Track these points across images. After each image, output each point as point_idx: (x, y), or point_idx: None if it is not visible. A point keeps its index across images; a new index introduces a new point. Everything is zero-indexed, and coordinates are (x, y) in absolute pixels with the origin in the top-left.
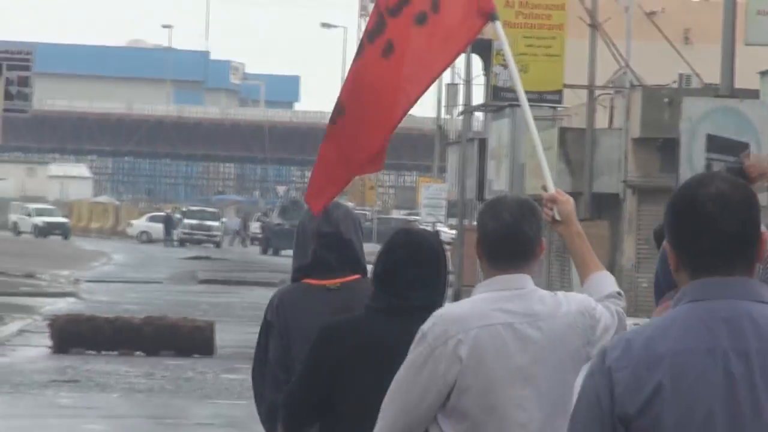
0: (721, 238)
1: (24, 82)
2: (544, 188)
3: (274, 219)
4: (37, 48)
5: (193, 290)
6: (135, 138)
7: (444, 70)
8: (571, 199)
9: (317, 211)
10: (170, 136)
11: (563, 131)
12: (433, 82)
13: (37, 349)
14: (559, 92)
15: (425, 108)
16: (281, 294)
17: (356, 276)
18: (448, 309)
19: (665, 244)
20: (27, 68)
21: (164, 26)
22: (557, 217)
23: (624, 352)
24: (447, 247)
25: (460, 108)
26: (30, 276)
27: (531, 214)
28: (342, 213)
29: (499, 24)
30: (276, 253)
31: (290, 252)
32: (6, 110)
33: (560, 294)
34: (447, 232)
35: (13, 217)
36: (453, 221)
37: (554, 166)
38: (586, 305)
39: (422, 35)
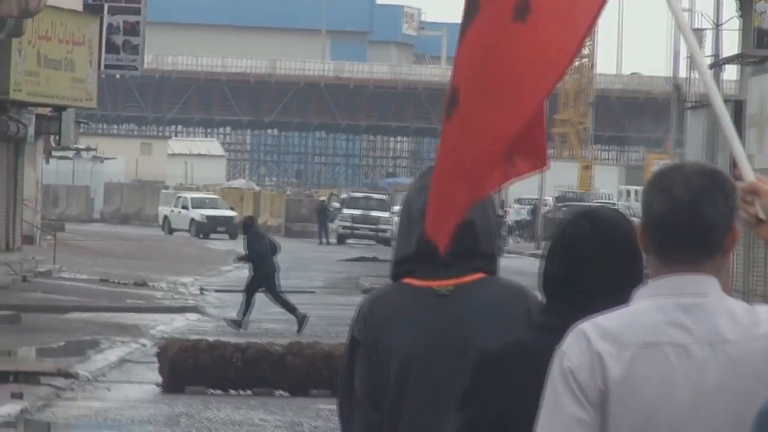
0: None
1: (133, 30)
2: (737, 175)
3: None
4: None
5: (355, 303)
6: (280, 105)
7: (591, 26)
8: None
9: (444, 250)
10: (326, 103)
11: None
12: (580, 46)
13: (142, 387)
14: None
15: (654, 64)
16: (372, 301)
17: (478, 275)
18: (598, 321)
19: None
20: (137, 12)
21: None
22: (761, 215)
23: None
24: None
25: (708, 61)
26: (141, 285)
27: (717, 189)
28: None
29: None
30: None
31: None
32: (109, 66)
33: (760, 308)
34: None
35: (163, 210)
36: None
37: None
38: None
39: None
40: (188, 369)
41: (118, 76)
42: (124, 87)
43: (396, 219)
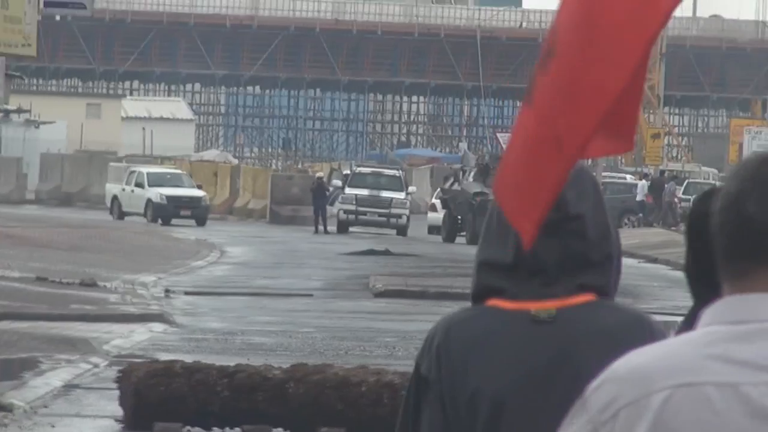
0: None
1: None
2: None
3: (470, 186)
4: None
5: (366, 309)
6: (264, 56)
7: None
8: None
9: (529, 240)
10: (321, 53)
11: None
12: None
13: (96, 423)
14: None
15: (740, 4)
16: (448, 328)
17: (588, 296)
18: (630, 356)
19: None
20: None
21: None
22: None
23: None
24: None
25: None
26: (89, 285)
27: None
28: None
29: None
30: (475, 241)
31: None
32: (51, 4)
33: None
34: None
35: (112, 188)
36: None
37: None
38: None
39: None
40: (158, 399)
41: (58, 18)
42: (66, 32)
43: (411, 200)
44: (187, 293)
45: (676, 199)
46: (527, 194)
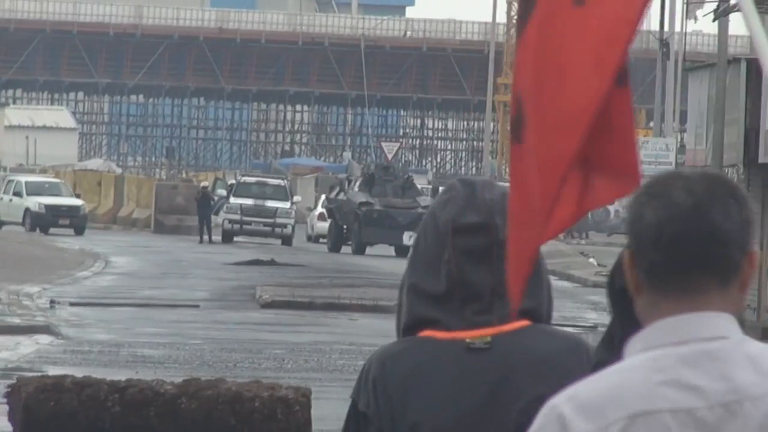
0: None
1: None
2: None
3: (355, 196)
4: None
5: (254, 320)
6: (148, 64)
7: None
8: None
9: (515, 306)
10: (205, 62)
11: None
12: (634, 32)
13: None
14: None
15: None
16: (383, 362)
17: (522, 322)
18: (576, 390)
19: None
20: None
21: None
22: None
23: None
24: None
25: (708, 9)
26: None
27: (727, 193)
28: (498, 195)
29: None
30: (361, 251)
31: (384, 250)
32: None
33: None
34: None
35: None
36: None
37: None
38: None
39: None
40: (48, 415)
41: None
42: None
43: (296, 209)
44: (72, 304)
45: None
46: (514, 269)
